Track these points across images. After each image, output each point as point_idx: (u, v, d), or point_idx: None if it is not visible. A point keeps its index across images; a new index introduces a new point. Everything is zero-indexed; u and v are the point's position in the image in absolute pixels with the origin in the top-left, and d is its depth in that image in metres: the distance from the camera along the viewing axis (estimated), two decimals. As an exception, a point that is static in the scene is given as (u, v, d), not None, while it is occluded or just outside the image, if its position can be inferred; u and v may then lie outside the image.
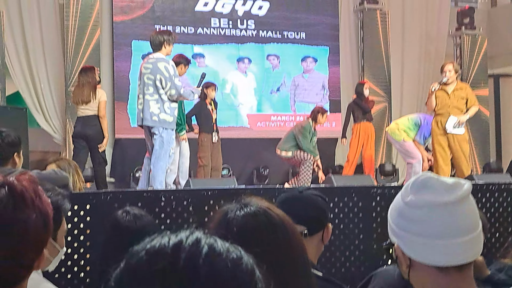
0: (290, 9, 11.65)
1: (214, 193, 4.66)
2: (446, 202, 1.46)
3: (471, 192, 1.52)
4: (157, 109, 6.44)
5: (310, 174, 9.02)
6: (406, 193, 1.52)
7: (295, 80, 11.69)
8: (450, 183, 1.49)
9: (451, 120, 7.76)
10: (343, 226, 4.88)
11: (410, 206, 1.49)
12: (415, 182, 1.52)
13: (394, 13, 12.38)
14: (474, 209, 1.51)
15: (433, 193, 1.48)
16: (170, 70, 6.45)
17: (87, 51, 10.10)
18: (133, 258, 0.87)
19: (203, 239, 0.88)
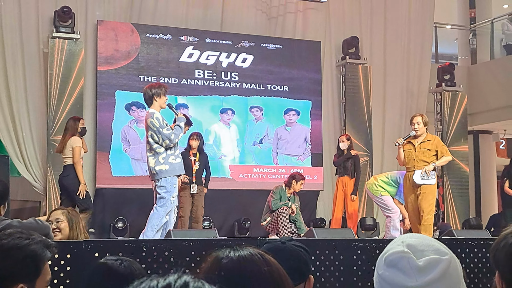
0: (273, 63, 11.80)
1: (196, 244, 4.64)
2: (412, 287, 1.44)
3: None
4: (153, 163, 6.70)
5: (288, 225, 9.04)
6: (381, 265, 1.52)
7: (277, 132, 11.77)
8: (420, 266, 1.45)
9: (417, 173, 7.70)
10: (324, 279, 4.86)
11: (382, 278, 1.49)
12: (388, 257, 1.50)
13: (375, 68, 12.58)
14: (449, 286, 1.46)
15: (401, 275, 1.45)
16: (155, 123, 6.67)
17: (70, 100, 10.11)
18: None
19: (191, 282, 0.89)
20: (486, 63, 14.34)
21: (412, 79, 13.04)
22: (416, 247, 1.49)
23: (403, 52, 13.04)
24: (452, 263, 1.48)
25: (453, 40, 15.77)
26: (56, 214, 4.62)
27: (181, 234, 5.87)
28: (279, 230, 9.04)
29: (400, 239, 1.55)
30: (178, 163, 6.78)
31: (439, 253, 1.48)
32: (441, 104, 12.86)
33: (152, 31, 11.08)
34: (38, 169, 10.20)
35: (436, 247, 1.50)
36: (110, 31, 10.82)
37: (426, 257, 1.46)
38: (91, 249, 4.27)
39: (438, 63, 13.91)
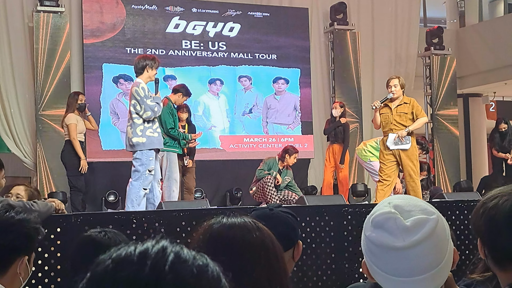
0: (260, 31, 11.72)
1: (186, 214, 4.64)
2: (398, 247, 1.43)
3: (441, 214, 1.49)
4: (131, 133, 6.65)
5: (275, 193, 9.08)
6: (368, 226, 1.51)
7: (267, 101, 11.74)
8: (407, 226, 1.44)
9: (391, 137, 7.53)
10: (315, 246, 4.88)
11: (369, 239, 1.49)
12: (376, 218, 1.49)
13: (364, 34, 12.52)
14: (437, 245, 1.46)
15: (388, 236, 1.45)
16: (140, 92, 6.57)
17: (57, 75, 10.04)
18: (99, 266, 0.87)
19: (169, 247, 0.88)
20: (474, 25, 14.30)
21: (400, 44, 13.00)
22: (403, 207, 1.48)
23: (391, 17, 12.98)
24: (440, 222, 1.48)
25: (441, 4, 15.69)
26: (19, 189, 4.60)
27: (172, 205, 5.86)
28: (267, 199, 9.07)
29: (387, 200, 1.54)
30: (157, 137, 6.73)
31: (426, 213, 1.47)
32: (430, 68, 12.84)
33: (137, 2, 10.97)
34: (27, 144, 10.16)
35: (423, 207, 1.50)
36: (95, 4, 10.71)
37: (413, 217, 1.46)
38: (81, 222, 4.27)
39: (426, 27, 13.86)
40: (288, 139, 11.70)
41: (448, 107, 12.80)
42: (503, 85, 13.99)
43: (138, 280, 0.83)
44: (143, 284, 0.83)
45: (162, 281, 0.84)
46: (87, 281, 0.87)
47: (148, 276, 0.84)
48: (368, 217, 1.53)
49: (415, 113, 7.61)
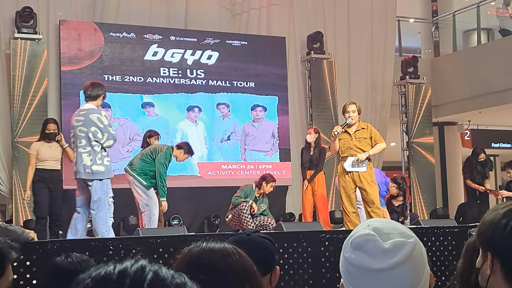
0: (238, 59, 11.80)
1: (163, 241, 4.63)
2: (376, 270, 1.45)
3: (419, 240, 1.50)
4: (89, 161, 6.51)
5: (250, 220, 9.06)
6: (347, 247, 1.52)
7: (245, 128, 11.78)
8: (386, 248, 1.46)
9: (349, 160, 7.65)
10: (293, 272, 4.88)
11: (348, 261, 1.50)
12: (354, 240, 1.50)
13: (340, 63, 12.66)
14: (415, 268, 1.47)
15: (367, 258, 1.46)
16: (103, 120, 6.58)
17: (34, 101, 10.00)
18: (78, 285, 0.88)
19: (148, 266, 0.90)
20: (449, 55, 14.51)
21: (376, 73, 13.15)
22: (382, 230, 1.50)
23: (367, 46, 13.14)
24: (417, 246, 1.49)
25: (416, 34, 15.93)
26: None
27: (149, 232, 5.85)
28: (243, 226, 9.05)
29: (366, 223, 1.56)
30: (110, 166, 6.74)
31: (405, 236, 1.49)
32: (406, 96, 12.98)
33: (116, 30, 11.01)
34: (3, 172, 10.08)
35: (401, 230, 1.52)
36: (73, 31, 10.72)
37: (392, 239, 1.48)
38: (57, 249, 4.24)
39: (401, 56, 14.04)
40: (266, 166, 11.73)
41: (424, 135, 12.93)
42: (477, 113, 14.18)
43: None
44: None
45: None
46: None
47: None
48: (348, 239, 1.54)
49: (374, 139, 7.72)
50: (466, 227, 6.14)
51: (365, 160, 7.60)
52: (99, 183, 6.52)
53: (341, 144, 7.80)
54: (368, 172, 7.67)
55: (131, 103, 11.03)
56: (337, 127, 7.82)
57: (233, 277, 1.67)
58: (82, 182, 6.64)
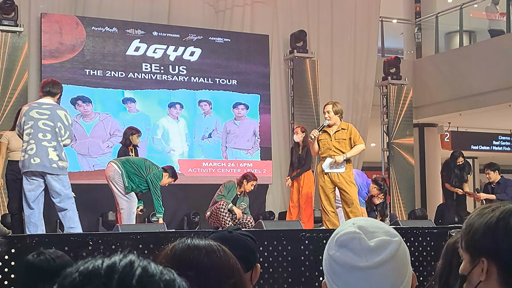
0: (221, 56, 11.78)
1: (143, 237, 4.61)
2: (361, 267, 1.45)
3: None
4: (56, 156, 6.45)
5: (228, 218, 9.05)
6: (331, 245, 1.52)
7: (226, 126, 11.76)
8: (371, 247, 1.47)
9: (327, 161, 7.68)
10: (272, 270, 4.89)
11: (332, 259, 1.50)
12: (340, 238, 1.50)
13: (323, 62, 12.68)
14: (398, 268, 1.48)
15: (352, 256, 1.46)
16: (69, 119, 6.62)
17: (14, 95, 9.91)
18: (66, 279, 0.87)
19: (137, 261, 0.89)
20: (431, 57, 14.60)
21: (358, 73, 13.19)
22: (367, 228, 1.50)
23: (350, 46, 13.18)
24: (401, 245, 1.50)
25: (398, 35, 16.00)
26: None
27: (129, 228, 5.82)
28: (222, 224, 9.04)
29: (351, 221, 1.56)
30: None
31: (389, 235, 1.50)
32: (387, 97, 13.04)
33: (98, 24, 10.94)
34: (-19, 165, 9.96)
35: (386, 229, 1.52)
36: (55, 24, 10.64)
37: (377, 238, 1.48)
38: (36, 243, 4.20)
39: (384, 57, 14.10)
40: (247, 164, 11.72)
41: (404, 136, 13.00)
42: (457, 115, 14.28)
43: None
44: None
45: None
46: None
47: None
48: (332, 236, 1.54)
49: (353, 140, 7.71)
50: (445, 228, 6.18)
51: (343, 161, 7.62)
52: (65, 178, 6.53)
53: (321, 144, 7.82)
54: (347, 173, 7.69)
55: (112, 99, 10.98)
56: (314, 131, 7.83)
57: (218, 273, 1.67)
58: (38, 177, 6.53)
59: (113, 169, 8.04)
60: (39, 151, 6.40)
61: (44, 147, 6.41)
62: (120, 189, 7.91)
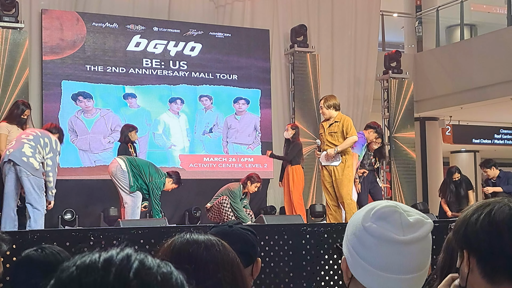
0: (222, 52, 11.78)
1: (145, 232, 4.62)
2: (398, 241, 1.49)
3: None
4: (30, 153, 6.69)
5: (231, 213, 9.11)
6: (367, 217, 1.54)
7: (227, 121, 11.76)
8: (411, 222, 1.51)
9: (322, 154, 7.80)
10: (274, 264, 4.89)
11: (366, 231, 1.52)
12: (379, 210, 1.53)
13: (323, 57, 12.67)
14: (427, 249, 1.53)
15: (390, 228, 1.50)
16: (58, 146, 7.12)
17: (15, 91, 9.91)
18: (63, 273, 0.88)
19: (134, 254, 0.90)
20: (431, 50, 14.58)
21: (359, 67, 13.18)
22: (402, 207, 1.55)
23: (350, 40, 13.17)
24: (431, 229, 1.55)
25: (399, 28, 15.98)
26: None
27: (130, 223, 5.83)
28: (223, 219, 9.07)
29: (379, 202, 1.60)
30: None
31: (423, 216, 1.55)
32: (388, 91, 13.03)
33: (98, 20, 10.94)
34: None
35: (417, 211, 1.57)
36: (55, 20, 10.64)
37: (414, 216, 1.53)
38: (38, 239, 4.21)
39: (385, 51, 14.09)
40: (248, 159, 11.73)
41: (405, 130, 12.99)
42: (459, 109, 14.27)
43: (103, 286, 0.84)
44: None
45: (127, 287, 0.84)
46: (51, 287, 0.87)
47: (112, 282, 0.85)
48: (368, 210, 1.56)
49: (345, 132, 7.71)
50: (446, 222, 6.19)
51: (337, 155, 7.64)
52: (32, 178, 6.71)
53: (320, 138, 7.96)
54: (340, 167, 7.69)
55: (113, 94, 10.98)
56: (318, 140, 8.12)
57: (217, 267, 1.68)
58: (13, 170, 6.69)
59: (116, 165, 8.04)
60: (16, 145, 6.72)
61: (22, 143, 6.71)
62: (124, 185, 7.91)
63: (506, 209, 1.64)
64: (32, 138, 6.74)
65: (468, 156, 18.76)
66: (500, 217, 1.62)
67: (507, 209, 1.64)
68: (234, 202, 9.25)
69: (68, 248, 4.29)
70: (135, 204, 7.90)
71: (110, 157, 10.51)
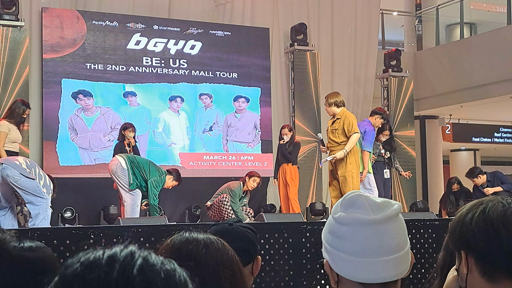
0: (222, 50, 11.78)
1: (144, 230, 4.63)
2: (371, 221, 1.49)
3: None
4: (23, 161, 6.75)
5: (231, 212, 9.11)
6: (337, 209, 1.56)
7: (227, 119, 11.77)
8: (378, 202, 1.52)
9: (325, 156, 7.97)
10: (274, 262, 4.90)
11: (338, 222, 1.52)
12: (345, 199, 1.55)
13: (323, 55, 12.67)
14: (402, 228, 1.53)
15: (360, 211, 1.50)
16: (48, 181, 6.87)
17: (15, 89, 9.91)
18: (67, 269, 0.88)
19: (137, 252, 0.90)
20: (431, 49, 14.58)
21: (359, 66, 13.19)
22: (368, 195, 1.57)
23: (350, 39, 13.17)
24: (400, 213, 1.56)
25: (399, 27, 15.98)
26: None
27: (130, 221, 5.84)
28: (224, 217, 9.08)
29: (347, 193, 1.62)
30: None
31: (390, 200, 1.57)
32: (388, 90, 13.04)
33: (98, 18, 10.94)
34: (-18, 159, 9.97)
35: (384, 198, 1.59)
36: (55, 19, 10.64)
37: (380, 198, 1.55)
38: (38, 237, 4.21)
39: (384, 50, 14.09)
40: (248, 157, 11.74)
41: (405, 129, 13.00)
42: (459, 107, 14.28)
43: (107, 282, 0.85)
44: (112, 286, 0.85)
45: (131, 284, 0.85)
46: (56, 284, 0.88)
47: (116, 278, 0.85)
48: (336, 204, 1.58)
49: (346, 130, 7.68)
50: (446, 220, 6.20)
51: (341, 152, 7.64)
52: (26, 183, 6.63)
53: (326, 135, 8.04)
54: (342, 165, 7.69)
55: (113, 92, 10.98)
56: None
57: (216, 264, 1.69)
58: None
59: (116, 163, 8.03)
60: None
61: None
62: (124, 183, 7.91)
63: (499, 206, 1.64)
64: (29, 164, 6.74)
65: (468, 155, 18.74)
66: (495, 215, 1.63)
67: (501, 206, 1.64)
68: (232, 202, 9.26)
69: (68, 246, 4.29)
70: (134, 202, 7.90)
71: (110, 155, 10.50)
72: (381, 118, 9.19)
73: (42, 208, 6.55)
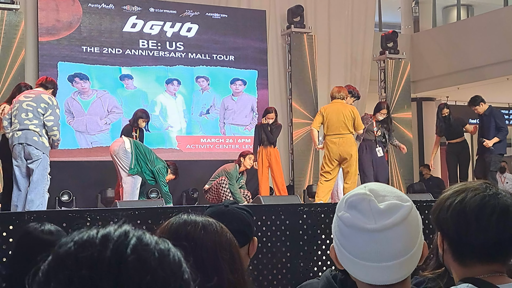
0: (218, 32, 11.74)
1: (141, 213, 4.63)
2: (369, 230, 1.43)
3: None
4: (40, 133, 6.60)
5: (229, 194, 9.13)
6: (341, 207, 1.51)
7: (224, 102, 11.75)
8: (381, 209, 1.44)
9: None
10: (271, 244, 4.91)
11: (341, 220, 1.48)
12: (349, 199, 1.49)
13: (320, 37, 12.64)
14: (410, 232, 1.45)
15: (361, 217, 1.45)
16: (54, 101, 6.75)
17: (11, 72, 9.88)
18: (61, 248, 0.88)
19: (131, 231, 0.90)
20: (428, 31, 14.55)
21: (356, 48, 13.15)
22: (378, 192, 1.48)
23: (347, 21, 13.13)
24: (413, 211, 1.47)
25: (396, 9, 15.93)
26: None
27: (127, 204, 5.84)
28: (221, 200, 9.09)
29: (364, 184, 1.54)
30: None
31: (401, 200, 1.48)
32: (385, 71, 13.02)
33: (94, 1, 10.88)
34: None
35: (398, 194, 1.50)
36: (51, 1, 10.59)
37: (388, 201, 1.46)
38: (34, 220, 4.21)
39: (381, 32, 14.05)
40: (245, 140, 11.73)
41: (402, 111, 12.99)
42: (455, 89, 14.27)
43: (100, 261, 0.85)
44: (105, 264, 0.85)
45: (124, 262, 0.85)
46: (49, 262, 0.88)
47: (109, 257, 0.85)
48: (343, 198, 1.53)
49: (357, 125, 8.34)
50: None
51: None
52: (45, 157, 6.56)
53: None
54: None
55: (110, 75, 10.95)
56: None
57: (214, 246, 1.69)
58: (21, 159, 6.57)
59: (120, 144, 7.98)
60: (21, 127, 6.56)
61: (26, 124, 6.56)
62: (125, 165, 7.88)
63: (478, 199, 1.65)
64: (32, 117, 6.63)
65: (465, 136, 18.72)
66: (471, 207, 1.64)
67: (479, 199, 1.65)
68: (230, 184, 9.27)
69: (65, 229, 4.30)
70: (134, 185, 7.89)
71: (107, 138, 10.52)
72: (351, 97, 9.17)
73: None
